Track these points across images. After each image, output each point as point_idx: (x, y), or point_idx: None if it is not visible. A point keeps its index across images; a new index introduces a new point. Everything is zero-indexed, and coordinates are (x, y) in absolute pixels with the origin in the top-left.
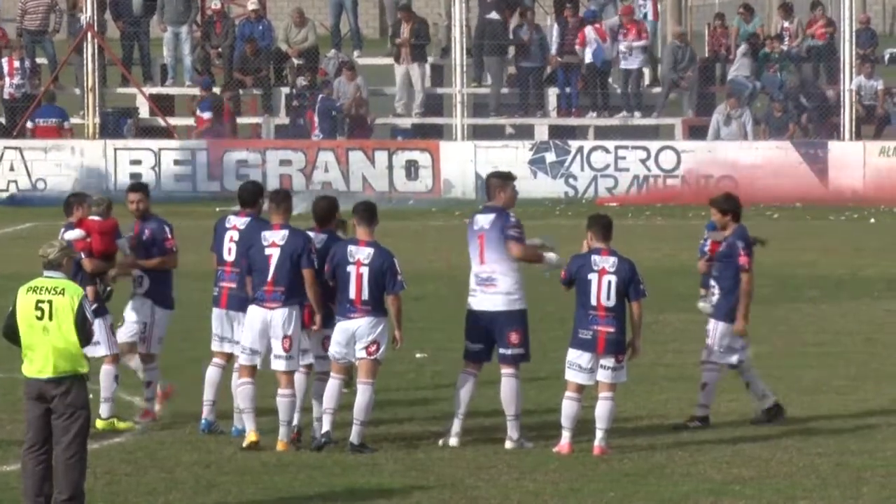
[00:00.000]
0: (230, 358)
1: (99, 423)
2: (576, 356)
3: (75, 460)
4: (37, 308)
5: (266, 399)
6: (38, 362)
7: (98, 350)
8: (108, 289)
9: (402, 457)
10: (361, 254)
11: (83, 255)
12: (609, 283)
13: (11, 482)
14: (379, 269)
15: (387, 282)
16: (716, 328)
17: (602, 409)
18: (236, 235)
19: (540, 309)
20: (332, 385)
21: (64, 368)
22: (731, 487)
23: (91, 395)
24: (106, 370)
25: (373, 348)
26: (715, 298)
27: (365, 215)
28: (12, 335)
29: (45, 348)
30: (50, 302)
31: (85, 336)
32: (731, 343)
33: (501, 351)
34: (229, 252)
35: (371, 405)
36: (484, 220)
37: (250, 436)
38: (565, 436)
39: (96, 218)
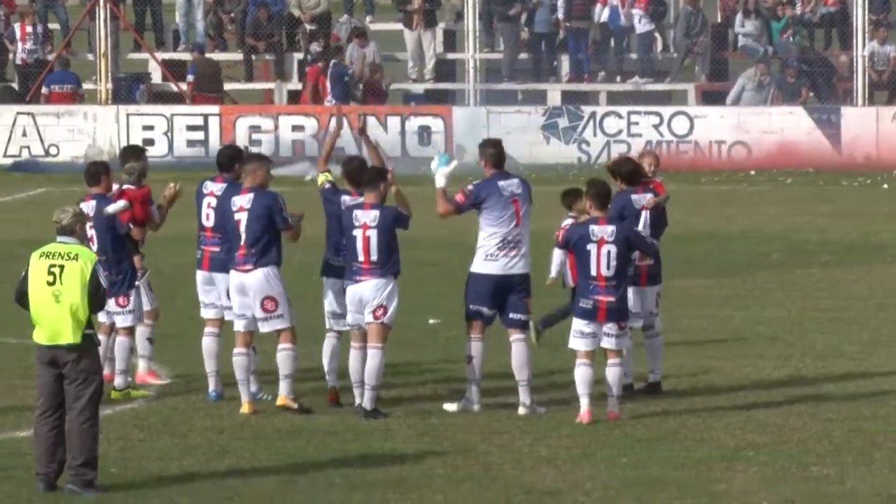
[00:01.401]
0: (222, 323)
1: (114, 394)
2: (579, 325)
3: (88, 425)
4: (49, 273)
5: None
6: (50, 328)
7: (125, 320)
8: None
9: (415, 422)
10: (368, 217)
11: (130, 226)
12: (608, 252)
13: (24, 448)
14: (386, 226)
15: (403, 222)
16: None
17: (612, 375)
18: (214, 202)
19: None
20: (353, 356)
21: (76, 334)
22: (744, 453)
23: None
24: (120, 342)
25: (379, 312)
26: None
27: (370, 179)
28: (23, 300)
29: (56, 314)
30: (62, 267)
31: (98, 302)
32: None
33: (514, 316)
34: (207, 217)
35: (381, 369)
36: (513, 186)
37: (244, 407)
38: (584, 403)
39: (131, 187)
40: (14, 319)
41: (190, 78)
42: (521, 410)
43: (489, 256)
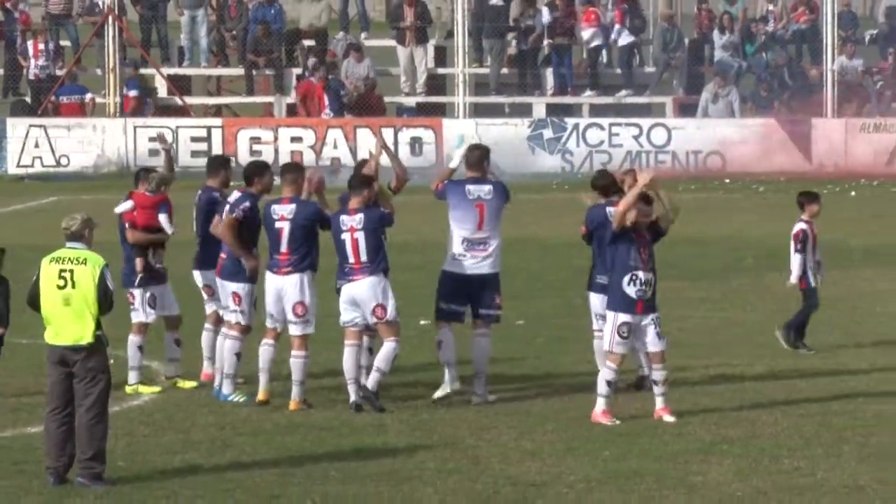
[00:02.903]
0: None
1: (127, 389)
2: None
3: (96, 421)
4: (59, 277)
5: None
6: (60, 329)
7: (136, 316)
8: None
9: (406, 418)
10: (353, 220)
11: (128, 226)
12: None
13: (35, 443)
14: (371, 227)
15: (387, 221)
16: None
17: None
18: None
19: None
20: (347, 353)
21: (84, 335)
22: (719, 447)
23: (112, 361)
24: (132, 340)
25: (380, 312)
26: None
27: (356, 185)
28: (35, 302)
29: (66, 316)
30: (72, 271)
31: (106, 304)
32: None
33: (484, 311)
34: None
35: (392, 358)
36: (481, 191)
37: (261, 394)
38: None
39: (148, 193)
40: (28, 321)
41: (134, 93)
42: (476, 400)
43: (456, 256)
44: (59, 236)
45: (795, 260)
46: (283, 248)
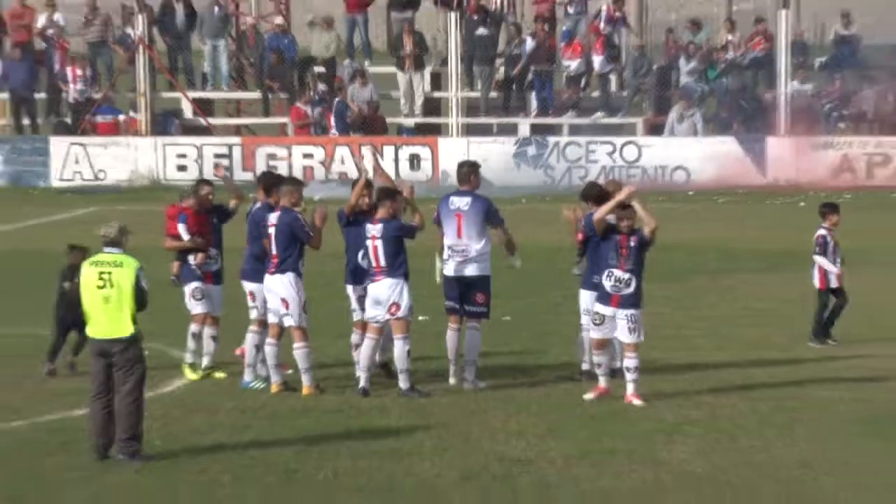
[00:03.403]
0: (262, 324)
1: (195, 374)
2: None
3: (134, 406)
4: (99, 279)
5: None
6: (100, 325)
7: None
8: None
9: (406, 402)
10: (375, 230)
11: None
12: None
13: (80, 425)
14: (390, 236)
15: (404, 232)
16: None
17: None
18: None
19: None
20: (367, 345)
21: (122, 329)
22: (682, 428)
23: (147, 352)
24: (206, 332)
25: (394, 308)
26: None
27: (381, 197)
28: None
29: (106, 313)
30: (110, 273)
31: (141, 302)
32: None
33: (469, 308)
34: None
35: (405, 355)
36: (461, 202)
37: (273, 386)
38: (603, 379)
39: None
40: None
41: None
42: (466, 386)
43: (447, 261)
44: (97, 242)
45: (818, 260)
46: (274, 251)
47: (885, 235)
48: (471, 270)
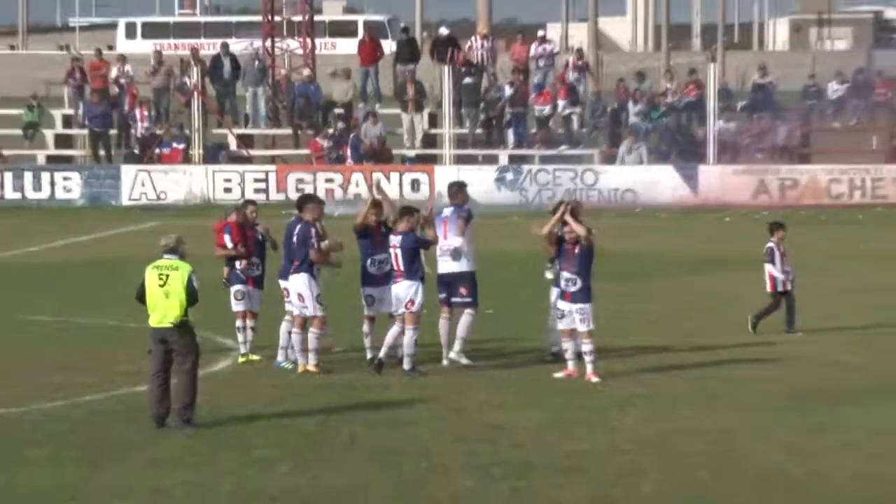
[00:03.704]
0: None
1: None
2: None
3: (190, 383)
4: (159, 278)
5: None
6: (160, 316)
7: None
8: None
9: (407, 381)
10: (396, 240)
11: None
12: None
13: (144, 398)
14: (407, 247)
15: (420, 244)
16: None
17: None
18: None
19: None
20: (394, 330)
21: (176, 320)
22: (631, 401)
23: (199, 339)
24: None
25: (409, 304)
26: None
27: (402, 213)
28: (142, 297)
29: (164, 307)
30: (168, 275)
31: (191, 299)
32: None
33: (454, 300)
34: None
35: (413, 342)
36: (446, 213)
37: (300, 367)
38: (571, 363)
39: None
40: (139, 314)
41: (173, 147)
42: (452, 356)
43: (439, 260)
44: (161, 249)
45: (767, 268)
46: (294, 255)
47: (794, 246)
48: (455, 267)
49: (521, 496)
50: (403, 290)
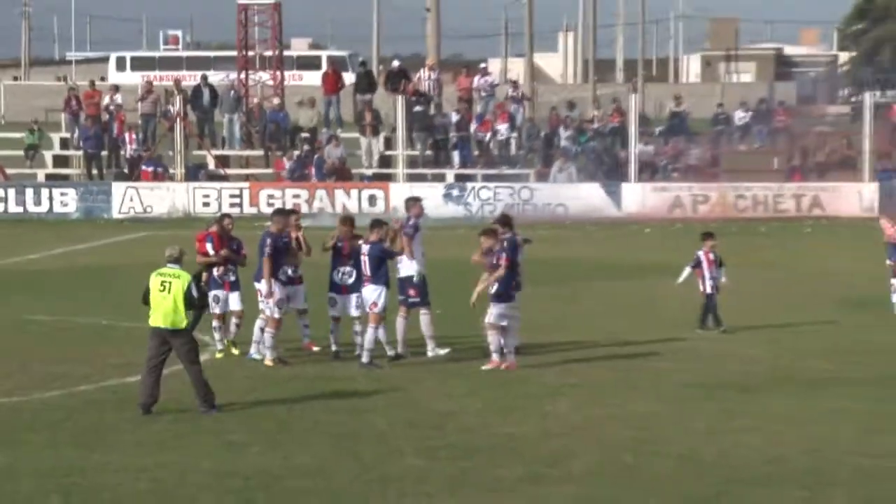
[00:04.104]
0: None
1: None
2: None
3: (199, 376)
4: (161, 285)
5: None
6: (161, 317)
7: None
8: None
9: (367, 373)
10: (365, 249)
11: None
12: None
13: (134, 388)
14: (374, 255)
15: (386, 254)
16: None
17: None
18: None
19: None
20: (400, 322)
21: (176, 322)
22: (562, 390)
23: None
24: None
25: (373, 306)
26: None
27: (371, 225)
28: (146, 300)
29: (164, 309)
30: (170, 282)
31: (189, 305)
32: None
33: (406, 300)
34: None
35: (374, 339)
36: (405, 225)
37: (266, 361)
38: (496, 356)
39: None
40: (141, 314)
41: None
42: (430, 353)
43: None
44: (148, 258)
45: (685, 271)
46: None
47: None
48: (405, 272)
49: (465, 475)
50: (369, 293)
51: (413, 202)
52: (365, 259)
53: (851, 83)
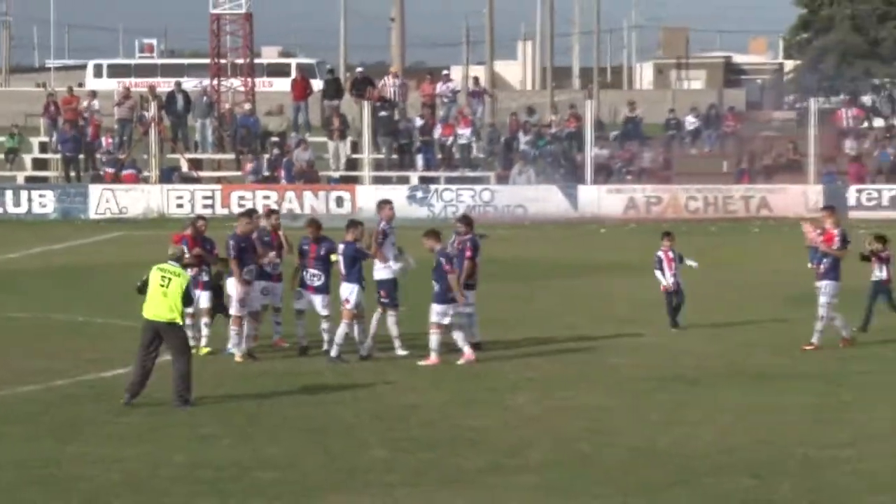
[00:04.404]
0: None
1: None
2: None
3: (185, 377)
4: (162, 279)
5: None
6: (156, 310)
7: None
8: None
9: (333, 368)
10: (341, 248)
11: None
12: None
13: (110, 382)
14: (348, 255)
15: (360, 254)
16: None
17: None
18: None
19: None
20: (374, 317)
21: (171, 317)
22: (521, 384)
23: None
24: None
25: (345, 303)
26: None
27: (348, 226)
28: (143, 290)
29: (162, 304)
30: (170, 278)
31: (186, 301)
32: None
33: (376, 297)
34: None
35: (344, 335)
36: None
37: (237, 357)
38: (434, 354)
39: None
40: (104, 310)
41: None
42: (399, 353)
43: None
44: (123, 257)
45: (658, 274)
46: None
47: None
48: (377, 275)
49: (429, 466)
50: (343, 291)
51: (383, 205)
52: (340, 258)
53: (797, 90)
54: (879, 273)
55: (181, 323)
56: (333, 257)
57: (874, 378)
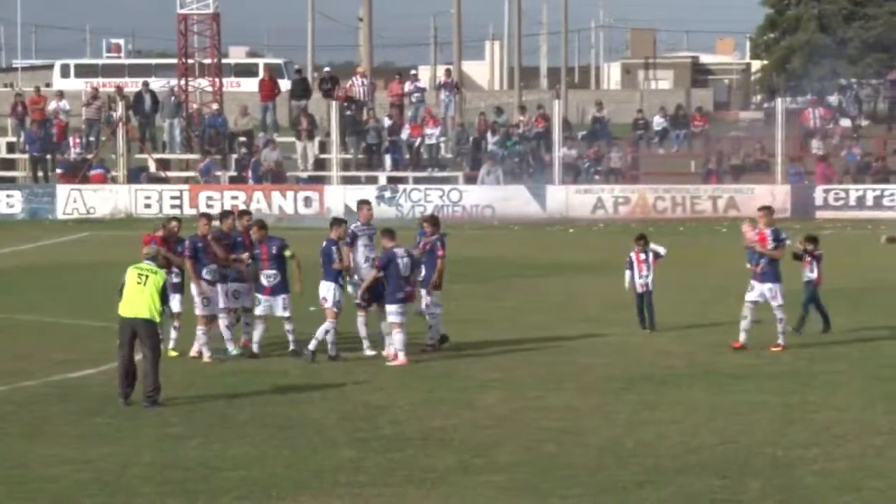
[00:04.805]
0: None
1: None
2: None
3: (154, 369)
4: (139, 277)
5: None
6: (133, 308)
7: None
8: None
9: (302, 365)
10: (324, 244)
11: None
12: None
13: (77, 383)
14: (326, 252)
15: (335, 255)
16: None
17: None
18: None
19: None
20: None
21: (147, 315)
22: (489, 383)
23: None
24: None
25: (322, 301)
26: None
27: (331, 224)
28: (121, 291)
29: (140, 301)
30: (147, 276)
31: (163, 300)
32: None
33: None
34: None
35: (324, 332)
36: (358, 230)
37: (205, 358)
38: (401, 353)
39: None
40: (72, 311)
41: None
42: (368, 353)
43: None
44: (91, 257)
45: (626, 275)
46: None
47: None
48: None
49: (397, 465)
50: (322, 289)
51: (361, 205)
52: (321, 257)
53: (764, 90)
54: (811, 273)
55: (158, 321)
56: (287, 252)
57: (841, 378)
